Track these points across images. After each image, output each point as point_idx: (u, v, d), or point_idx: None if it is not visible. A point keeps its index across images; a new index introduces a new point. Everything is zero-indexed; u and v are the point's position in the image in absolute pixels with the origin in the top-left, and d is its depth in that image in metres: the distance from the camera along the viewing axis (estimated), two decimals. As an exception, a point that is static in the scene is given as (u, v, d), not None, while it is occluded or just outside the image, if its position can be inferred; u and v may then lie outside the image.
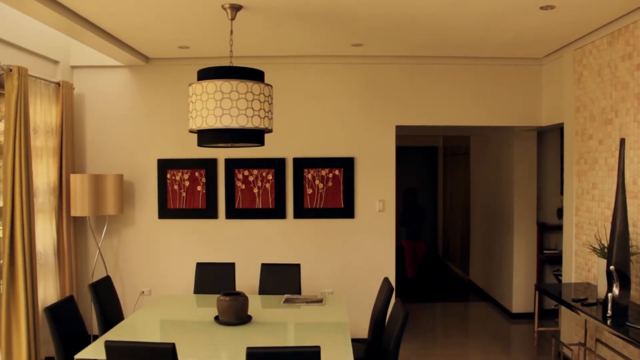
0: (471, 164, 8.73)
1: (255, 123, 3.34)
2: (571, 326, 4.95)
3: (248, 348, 2.65)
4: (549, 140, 6.86)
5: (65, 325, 3.45)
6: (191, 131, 3.52)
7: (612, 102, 4.33)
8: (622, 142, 3.63)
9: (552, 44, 5.12)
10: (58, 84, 5.31)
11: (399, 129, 5.87)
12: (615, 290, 3.54)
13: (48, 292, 5.17)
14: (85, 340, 3.64)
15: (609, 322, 3.44)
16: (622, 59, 4.19)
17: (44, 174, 5.16)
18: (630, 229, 3.95)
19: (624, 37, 4.19)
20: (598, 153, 4.56)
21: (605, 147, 4.44)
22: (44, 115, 5.14)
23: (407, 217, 8.30)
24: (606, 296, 3.61)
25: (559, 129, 6.27)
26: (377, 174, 5.74)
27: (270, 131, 3.56)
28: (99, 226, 5.73)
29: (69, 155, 5.42)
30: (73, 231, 5.53)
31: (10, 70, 4.46)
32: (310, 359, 2.67)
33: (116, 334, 3.50)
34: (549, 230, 6.79)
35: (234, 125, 3.28)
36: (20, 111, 4.54)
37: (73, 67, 5.69)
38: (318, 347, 2.68)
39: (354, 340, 3.45)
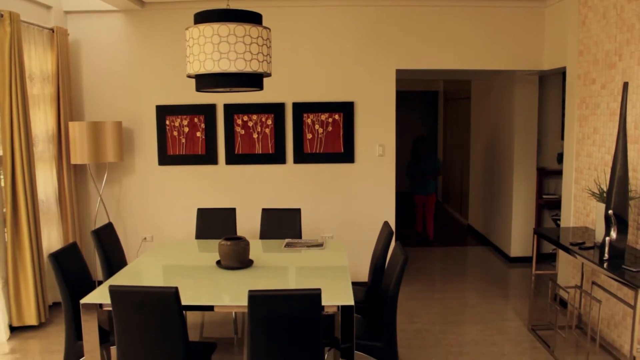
0: (472, 108, 8.67)
1: (253, 67, 3.29)
2: (568, 269, 5.03)
3: (250, 291, 2.70)
4: (551, 84, 6.79)
5: (70, 271, 3.49)
6: (189, 76, 3.47)
7: (617, 45, 4.25)
8: (625, 86, 3.59)
9: (557, -15, 4.99)
10: (52, 30, 5.20)
11: (399, 72, 5.79)
12: (613, 234, 3.58)
13: (52, 239, 5.23)
14: (90, 285, 3.70)
15: (605, 265, 3.48)
16: (629, 0, 4.09)
17: (42, 122, 5.13)
18: (630, 173, 3.95)
19: (631, -23, 4.07)
20: (600, 97, 4.52)
21: (608, 91, 4.39)
22: (39, 62, 5.06)
23: (415, 168, 7.73)
24: (603, 240, 3.65)
25: (562, 73, 6.19)
26: (377, 119, 5.71)
27: (269, 75, 3.52)
28: (99, 174, 5.74)
29: (67, 103, 5.37)
30: (74, 179, 5.54)
31: (2, 15, 4.36)
32: (311, 302, 2.72)
33: (120, 279, 3.55)
34: (548, 175, 6.80)
35: (232, 69, 3.23)
36: (14, 58, 4.47)
37: (67, 13, 5.57)
38: (319, 290, 2.72)
39: (354, 284, 3.51)
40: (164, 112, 5.68)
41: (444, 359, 4.14)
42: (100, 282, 3.74)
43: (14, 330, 4.71)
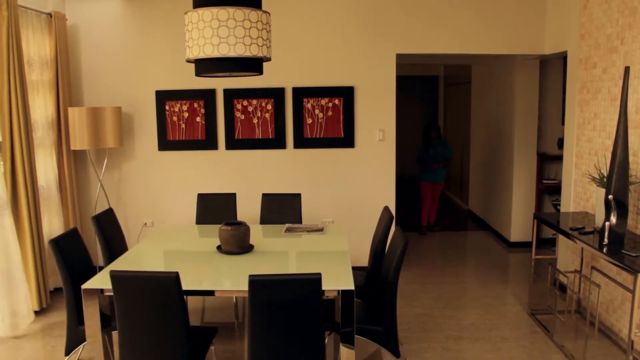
0: (472, 93, 8.64)
1: (253, 51, 3.27)
2: (568, 254, 5.04)
3: (250, 276, 2.71)
4: (552, 69, 6.76)
5: (71, 256, 3.50)
6: (188, 61, 3.46)
7: (619, 29, 4.22)
8: (627, 70, 3.57)
9: (559, -32, 4.94)
10: (50, 14, 5.17)
11: (400, 57, 5.76)
12: (613, 219, 3.58)
13: (52, 225, 5.24)
14: (91, 271, 3.71)
15: (605, 249, 3.49)
16: (631, -17, 4.06)
17: (42, 108, 5.12)
18: (630, 158, 3.95)
19: (634, -40, 4.03)
20: (601, 82, 4.50)
21: (609, 76, 4.37)
22: (37, 47, 5.03)
23: (424, 155, 7.55)
24: (603, 225, 3.65)
25: (562, 57, 6.16)
26: (378, 103, 5.69)
27: (268, 60, 3.50)
28: (99, 159, 5.74)
29: (66, 89, 5.35)
30: (74, 165, 5.54)
31: (0, -1, 4.33)
32: (311, 286, 2.73)
33: (121, 264, 3.56)
34: (549, 160, 6.80)
35: (232, 53, 3.22)
36: (12, 43, 4.45)
37: (65, -4, 5.53)
38: (319, 274, 2.73)
39: (354, 268, 3.52)
40: (163, 97, 5.66)
41: (443, 343, 4.16)
42: (101, 268, 3.75)
43: (16, 315, 4.74)
